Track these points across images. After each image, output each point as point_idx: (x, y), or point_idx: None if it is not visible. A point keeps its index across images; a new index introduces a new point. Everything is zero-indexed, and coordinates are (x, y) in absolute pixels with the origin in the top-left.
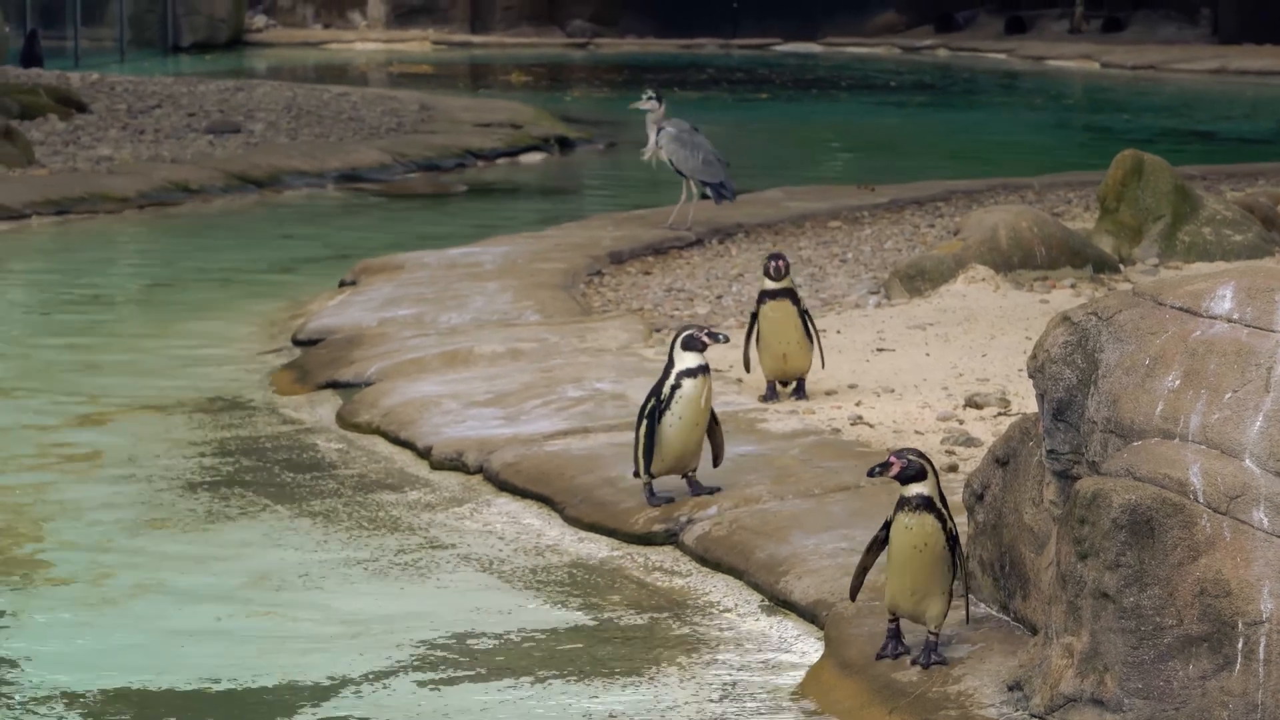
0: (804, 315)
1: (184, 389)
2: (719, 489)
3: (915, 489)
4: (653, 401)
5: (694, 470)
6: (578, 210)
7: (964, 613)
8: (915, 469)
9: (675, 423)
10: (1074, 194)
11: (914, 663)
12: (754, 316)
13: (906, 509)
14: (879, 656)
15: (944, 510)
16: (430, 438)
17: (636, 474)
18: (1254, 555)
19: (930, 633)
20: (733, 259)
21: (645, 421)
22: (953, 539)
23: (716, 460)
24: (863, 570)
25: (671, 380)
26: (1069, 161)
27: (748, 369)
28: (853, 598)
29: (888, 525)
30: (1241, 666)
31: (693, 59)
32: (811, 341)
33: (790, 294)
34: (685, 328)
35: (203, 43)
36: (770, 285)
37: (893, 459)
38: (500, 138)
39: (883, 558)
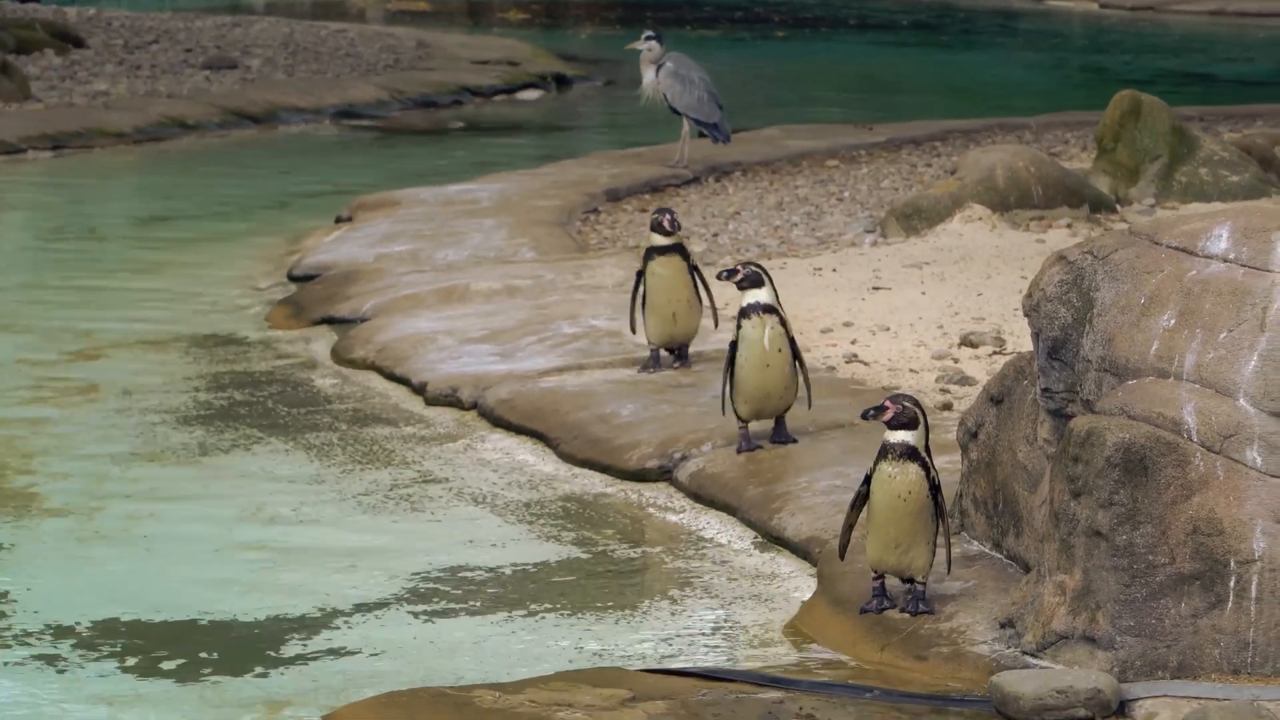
0: (694, 272)
1: (179, 323)
2: (795, 440)
3: (900, 436)
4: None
5: (785, 412)
6: (574, 148)
7: (946, 564)
8: (908, 416)
9: (744, 364)
10: (1071, 134)
11: (902, 610)
12: (639, 275)
13: (890, 457)
14: (863, 611)
15: (927, 459)
16: (425, 373)
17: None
18: (1247, 494)
19: (917, 582)
20: (730, 197)
21: (726, 365)
22: (935, 487)
23: (809, 402)
24: (849, 527)
25: (736, 322)
26: (1067, 101)
27: (634, 331)
28: (841, 556)
29: (869, 479)
30: (1233, 605)
31: None
32: (702, 302)
33: (679, 249)
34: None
35: None
36: (659, 240)
37: (888, 403)
38: (497, 75)
39: (863, 515)
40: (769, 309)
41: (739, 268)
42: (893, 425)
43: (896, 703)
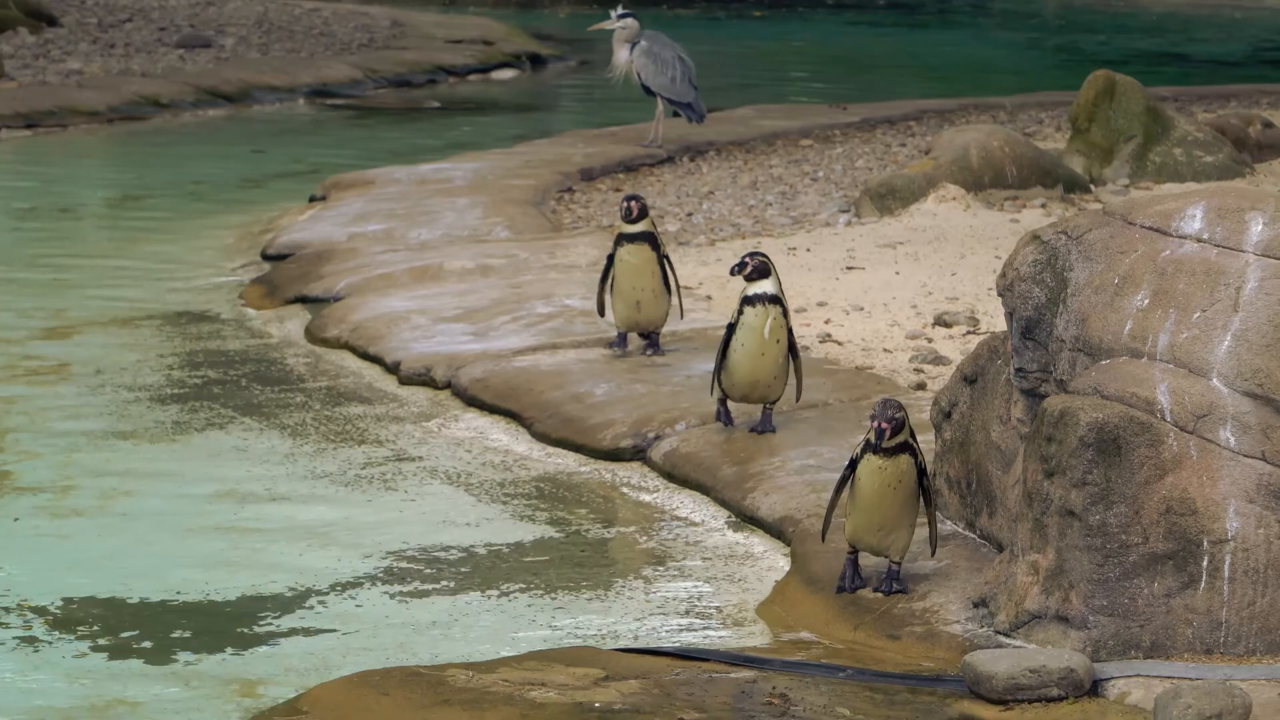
0: (664, 261)
1: (152, 302)
2: (774, 430)
3: (895, 439)
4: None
5: (774, 402)
6: (549, 127)
7: (931, 546)
8: (898, 425)
9: (739, 349)
10: (1046, 114)
11: (875, 590)
12: (610, 258)
13: (883, 454)
14: (838, 589)
15: (915, 445)
16: (399, 353)
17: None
18: (1220, 474)
19: (893, 562)
20: (704, 177)
21: (720, 346)
22: (922, 471)
23: (797, 394)
24: (831, 509)
25: (737, 306)
26: (1041, 82)
27: (601, 313)
28: (823, 538)
29: (854, 463)
30: (1206, 584)
31: None
32: (670, 291)
33: (649, 238)
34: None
35: None
36: (627, 228)
37: (884, 425)
38: (472, 54)
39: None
40: (774, 299)
41: (747, 260)
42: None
43: (869, 682)
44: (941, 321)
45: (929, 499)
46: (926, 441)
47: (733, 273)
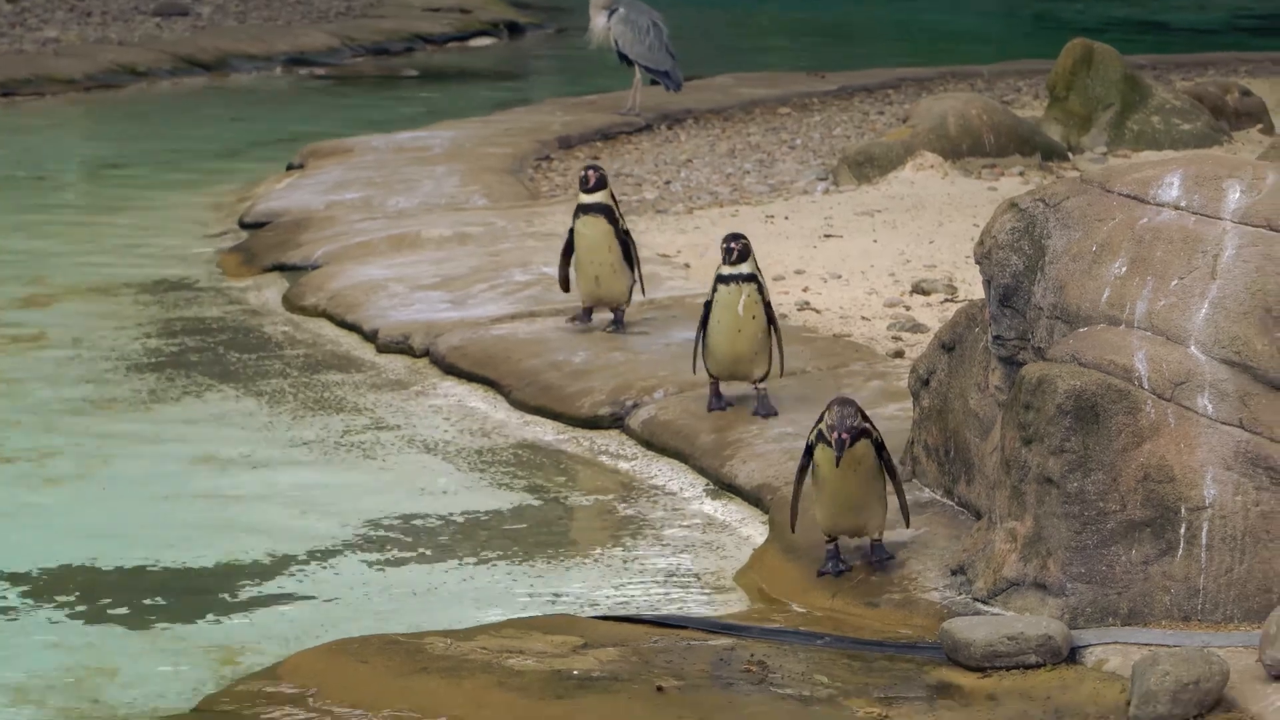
0: (623, 236)
1: (130, 271)
2: (776, 413)
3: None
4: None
5: (761, 381)
6: (526, 95)
7: (904, 516)
8: (857, 433)
9: (716, 327)
10: (1023, 82)
11: (866, 562)
12: (571, 231)
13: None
14: (820, 574)
15: (871, 426)
16: (377, 321)
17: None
18: (1198, 441)
19: (873, 539)
20: (682, 145)
21: (699, 324)
22: (879, 445)
23: (780, 370)
24: (796, 500)
25: (712, 283)
26: (1019, 50)
27: (564, 289)
28: (793, 530)
29: (810, 450)
30: (1184, 552)
31: None
32: (631, 267)
33: (605, 210)
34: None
35: None
36: (584, 198)
37: (844, 436)
38: (449, 22)
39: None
40: (749, 278)
41: (734, 246)
42: None
43: (847, 649)
44: (919, 289)
45: (892, 471)
46: (904, 409)
47: (722, 260)
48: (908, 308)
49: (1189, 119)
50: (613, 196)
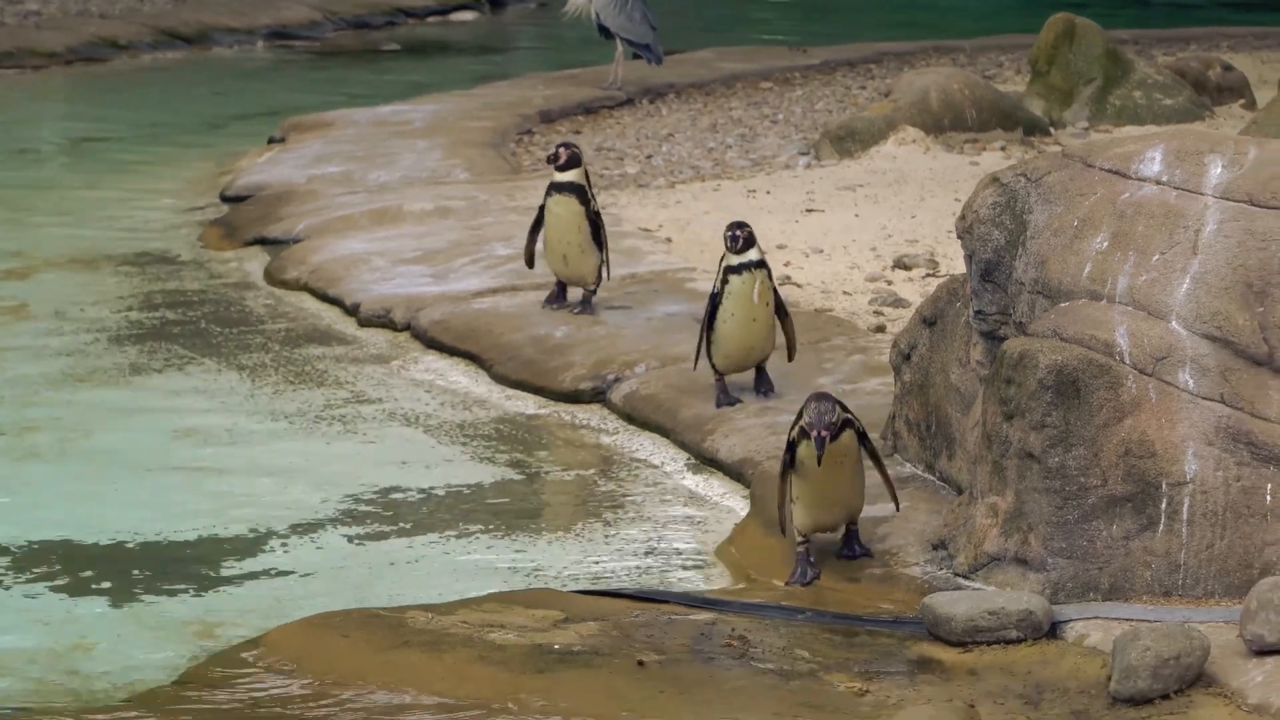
0: (594, 218)
1: (111, 244)
2: (778, 395)
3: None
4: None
5: (764, 361)
6: (508, 69)
7: (894, 501)
8: (837, 428)
9: (729, 319)
10: (1005, 57)
11: (839, 557)
12: (541, 208)
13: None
14: (788, 584)
15: (853, 417)
16: (358, 294)
17: (714, 370)
18: (1179, 417)
19: (850, 526)
20: (663, 119)
21: (705, 317)
22: (862, 435)
23: (790, 353)
24: (784, 498)
25: (720, 276)
26: (1001, 24)
27: (529, 264)
28: (783, 533)
29: (792, 446)
30: (1165, 527)
31: None
32: (600, 248)
33: (578, 190)
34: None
35: None
36: (557, 176)
37: (823, 433)
38: None
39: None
40: (759, 264)
41: (738, 234)
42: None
43: (829, 624)
44: (901, 264)
45: (876, 457)
46: (886, 384)
47: (728, 249)
48: (889, 282)
49: (1171, 94)
50: (586, 175)
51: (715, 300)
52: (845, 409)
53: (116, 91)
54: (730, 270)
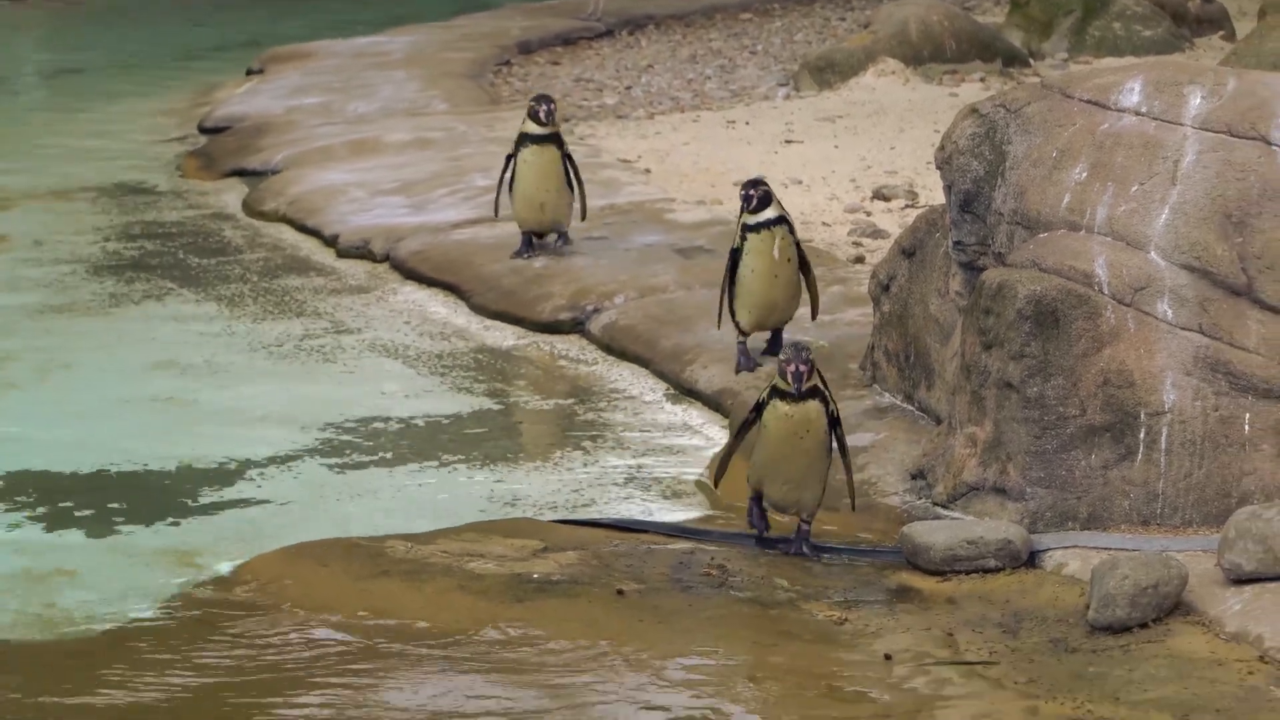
0: (567, 160)
1: (90, 175)
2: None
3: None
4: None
5: (785, 324)
6: (486, 0)
7: (850, 499)
8: (813, 366)
9: (750, 274)
10: None
11: (784, 552)
12: (509, 159)
13: (788, 399)
14: (748, 534)
15: (826, 392)
16: (337, 225)
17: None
18: (1157, 347)
19: (802, 521)
20: (643, 50)
21: (726, 275)
22: (834, 420)
23: (814, 312)
24: (728, 456)
25: (739, 233)
26: None
27: (496, 214)
28: (715, 486)
29: (760, 406)
30: (1143, 456)
31: None
32: (573, 191)
33: (556, 139)
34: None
35: None
36: (534, 129)
37: (801, 368)
38: None
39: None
40: (779, 220)
41: (752, 193)
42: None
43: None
44: (880, 195)
45: (844, 448)
46: (865, 315)
47: (742, 210)
48: (868, 213)
49: (1150, 25)
50: (558, 125)
51: (735, 256)
52: (823, 380)
53: (94, 24)
54: (747, 229)
